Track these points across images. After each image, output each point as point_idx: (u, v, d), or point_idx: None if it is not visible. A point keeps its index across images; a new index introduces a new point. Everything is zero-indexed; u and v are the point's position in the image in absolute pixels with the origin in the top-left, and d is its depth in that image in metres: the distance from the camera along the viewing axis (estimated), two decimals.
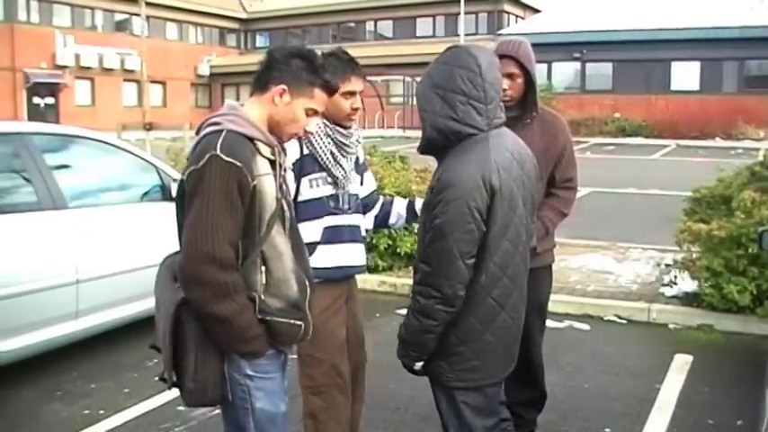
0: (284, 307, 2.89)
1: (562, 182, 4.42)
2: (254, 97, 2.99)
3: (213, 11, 52.23)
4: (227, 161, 2.70)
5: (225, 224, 2.72)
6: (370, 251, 8.76)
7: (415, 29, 48.04)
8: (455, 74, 3.01)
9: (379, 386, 5.74)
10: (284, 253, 2.90)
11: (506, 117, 4.22)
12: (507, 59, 4.13)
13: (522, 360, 4.59)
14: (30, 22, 42.63)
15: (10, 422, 5.19)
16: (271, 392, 2.93)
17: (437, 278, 2.95)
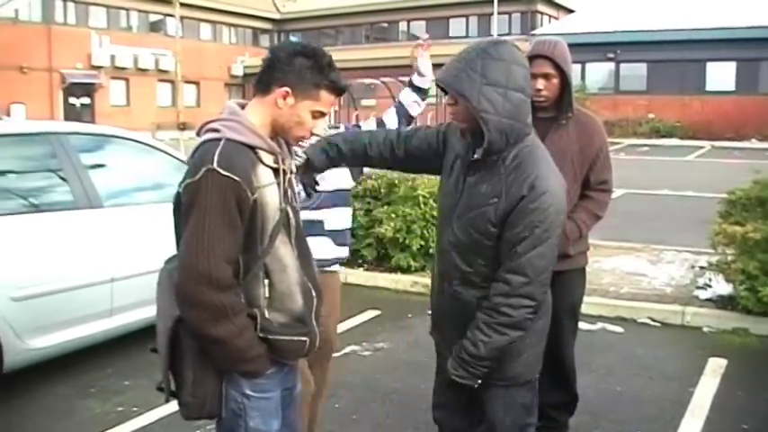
0: (288, 322, 2.78)
1: (597, 184, 4.38)
2: (257, 99, 2.80)
3: (247, 11, 52.47)
4: (224, 175, 2.55)
5: (222, 242, 2.58)
6: (403, 251, 8.76)
7: (448, 29, 47.91)
8: (513, 70, 2.89)
9: (411, 387, 5.75)
10: (289, 265, 2.78)
11: (541, 118, 4.23)
12: (543, 59, 4.11)
13: (553, 362, 4.59)
14: (66, 24, 43.10)
15: (46, 417, 5.25)
16: (265, 412, 2.82)
17: (532, 287, 2.90)
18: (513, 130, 2.92)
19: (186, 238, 2.61)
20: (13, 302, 5.21)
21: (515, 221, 2.90)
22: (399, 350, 6.63)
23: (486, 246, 3.00)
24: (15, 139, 6.02)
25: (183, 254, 2.63)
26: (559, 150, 4.21)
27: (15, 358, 5.35)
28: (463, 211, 3.06)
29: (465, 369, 3.02)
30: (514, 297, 2.90)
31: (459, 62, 2.96)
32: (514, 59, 2.92)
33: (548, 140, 4.21)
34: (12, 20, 39.67)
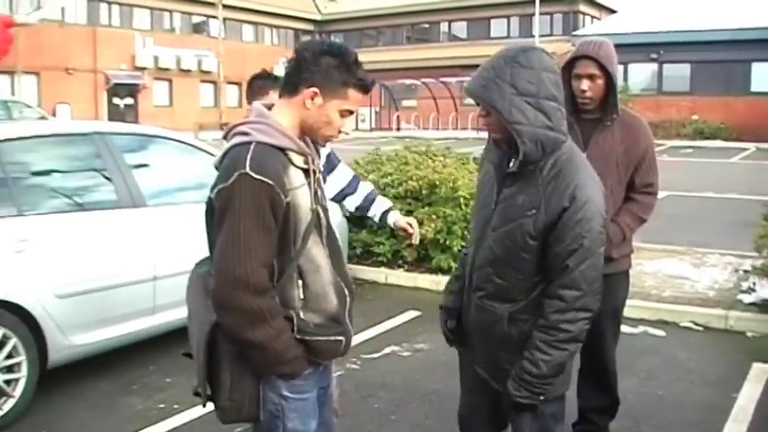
0: (323, 322, 2.78)
1: (642, 186, 4.33)
2: (284, 100, 2.76)
3: (288, 12, 52.74)
4: (257, 179, 2.54)
5: (258, 247, 2.58)
6: (443, 252, 8.75)
7: (489, 30, 47.82)
8: (544, 78, 2.83)
9: (451, 388, 5.71)
10: (322, 265, 2.77)
11: (586, 119, 4.22)
12: (587, 60, 4.09)
13: (595, 366, 4.57)
14: (111, 25, 43.67)
15: (89, 413, 5.32)
16: (303, 412, 2.83)
17: (587, 299, 2.87)
18: (548, 140, 2.85)
19: (221, 244, 2.62)
20: (58, 299, 5.29)
21: (562, 235, 2.83)
22: (439, 351, 6.61)
23: (524, 259, 2.92)
24: (61, 139, 6.12)
25: (218, 259, 2.63)
26: (604, 152, 4.19)
27: (59, 355, 5.43)
28: (499, 223, 2.98)
29: (528, 390, 2.94)
30: (571, 312, 2.86)
31: (488, 71, 2.89)
32: (544, 67, 2.84)
33: (592, 142, 4.20)
34: (58, 22, 40.25)
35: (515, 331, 2.99)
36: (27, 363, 5.23)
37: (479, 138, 35.67)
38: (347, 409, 5.42)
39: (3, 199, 5.40)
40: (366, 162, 10.21)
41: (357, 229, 9.18)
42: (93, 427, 5.14)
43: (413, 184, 9.04)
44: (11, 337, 5.14)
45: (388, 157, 10.28)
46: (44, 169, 5.87)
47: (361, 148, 14.27)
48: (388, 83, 44.61)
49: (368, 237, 9.24)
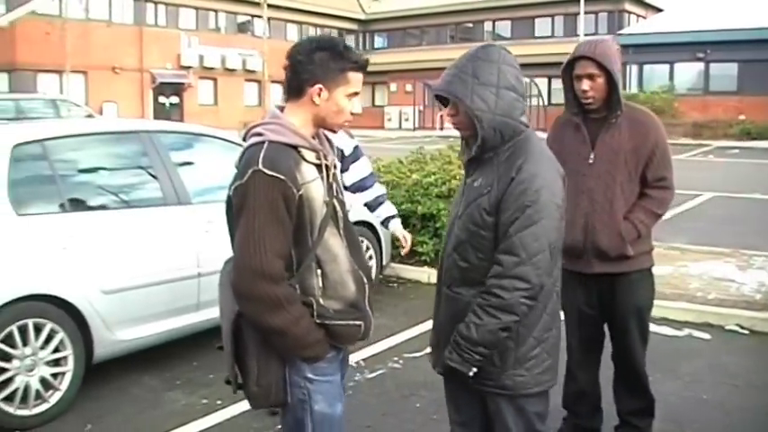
0: (343, 308, 2.92)
1: (655, 181, 4.31)
2: (292, 103, 2.93)
3: (332, 12, 52.85)
4: (270, 175, 2.71)
5: (272, 238, 2.73)
6: None
7: (533, 29, 47.53)
8: (504, 70, 2.97)
9: None
10: (339, 254, 2.91)
11: (593, 118, 4.25)
12: (585, 60, 4.14)
13: (624, 368, 4.54)
14: (157, 25, 44.09)
15: (133, 407, 5.39)
16: (329, 395, 2.95)
17: (525, 267, 2.82)
18: (506, 127, 2.97)
19: (239, 238, 2.78)
20: (104, 295, 5.36)
21: (507, 205, 2.89)
22: None
23: (483, 237, 2.96)
24: (108, 137, 6.21)
25: (237, 252, 2.80)
26: (612, 150, 4.22)
27: (105, 350, 5.51)
28: (462, 209, 3.09)
29: (459, 354, 2.92)
30: (507, 278, 2.83)
31: (452, 70, 3.06)
32: (504, 60, 2.99)
33: (599, 141, 4.23)
34: (106, 22, 40.79)
35: (477, 310, 2.95)
36: (73, 357, 5.32)
37: None
38: (389, 408, 5.45)
39: (51, 196, 5.50)
40: (410, 161, 10.20)
41: None
42: (137, 421, 5.21)
43: (456, 184, 9.01)
44: (58, 332, 5.23)
45: (431, 156, 10.26)
46: (91, 167, 5.96)
47: (404, 147, 14.27)
48: (432, 82, 44.35)
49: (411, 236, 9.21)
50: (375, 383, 5.88)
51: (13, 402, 5.05)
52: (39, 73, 38.23)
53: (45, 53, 37.21)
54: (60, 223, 5.38)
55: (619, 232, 4.23)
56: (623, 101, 4.19)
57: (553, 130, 4.57)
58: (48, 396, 5.23)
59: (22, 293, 5.08)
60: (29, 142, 5.52)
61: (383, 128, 46.59)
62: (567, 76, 4.28)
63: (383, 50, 55.01)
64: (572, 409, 4.77)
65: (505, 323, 2.85)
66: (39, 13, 38.53)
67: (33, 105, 24.45)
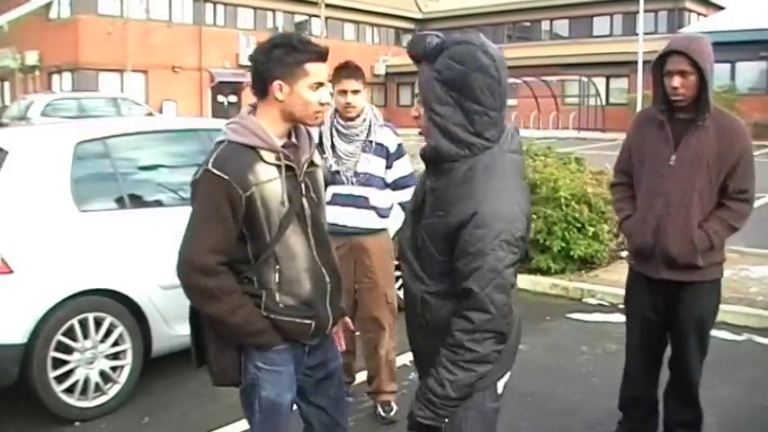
0: (296, 305, 3.02)
1: (735, 192, 4.13)
2: (260, 103, 3.02)
3: (389, 11, 52.89)
4: (216, 175, 2.85)
5: (208, 234, 2.88)
6: (543, 253, 8.66)
7: (591, 28, 47.04)
8: (471, 80, 2.59)
9: (547, 390, 5.68)
10: (298, 253, 3.01)
11: (679, 119, 4.09)
12: (679, 56, 3.97)
13: (679, 376, 4.43)
14: (216, 25, 44.54)
15: (191, 402, 5.46)
16: (277, 384, 3.07)
17: (496, 321, 2.61)
18: (463, 141, 2.64)
19: (184, 231, 2.96)
20: (162, 290, 5.42)
21: (463, 250, 2.61)
22: (536, 353, 6.55)
23: (434, 257, 2.74)
24: (167, 135, 6.28)
25: (180, 243, 2.96)
26: (695, 154, 4.06)
27: (163, 344, 5.58)
28: (424, 214, 2.81)
29: (432, 411, 2.68)
30: (479, 333, 2.60)
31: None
32: (476, 67, 2.59)
33: (683, 143, 4.07)
34: (166, 22, 41.34)
35: (429, 316, 2.78)
36: (132, 351, 5.40)
37: (581, 138, 35.22)
38: None
39: (111, 193, 5.58)
40: None
41: None
42: (194, 414, 5.26)
43: None
44: (117, 326, 5.32)
45: None
46: (151, 164, 6.03)
47: None
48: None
49: None
50: None
51: (73, 394, 5.16)
52: (101, 72, 38.91)
53: (107, 53, 37.85)
54: (120, 220, 5.46)
55: (691, 240, 4.09)
56: (712, 104, 4.03)
57: (635, 124, 4.45)
58: (107, 389, 5.32)
59: (83, 288, 5.18)
60: (91, 140, 5.61)
61: None
62: (658, 71, 4.12)
63: None
64: (627, 413, 4.69)
65: (481, 374, 2.67)
66: (101, 13, 39.21)
67: (95, 104, 24.86)
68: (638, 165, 4.32)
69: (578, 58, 42.10)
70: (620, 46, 41.44)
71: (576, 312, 7.73)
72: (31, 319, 4.98)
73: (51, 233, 5.16)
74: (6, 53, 39.81)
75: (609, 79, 42.86)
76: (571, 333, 7.14)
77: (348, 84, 4.96)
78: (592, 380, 5.88)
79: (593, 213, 8.79)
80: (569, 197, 8.63)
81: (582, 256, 8.72)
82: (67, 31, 39.32)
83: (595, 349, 6.58)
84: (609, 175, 9.50)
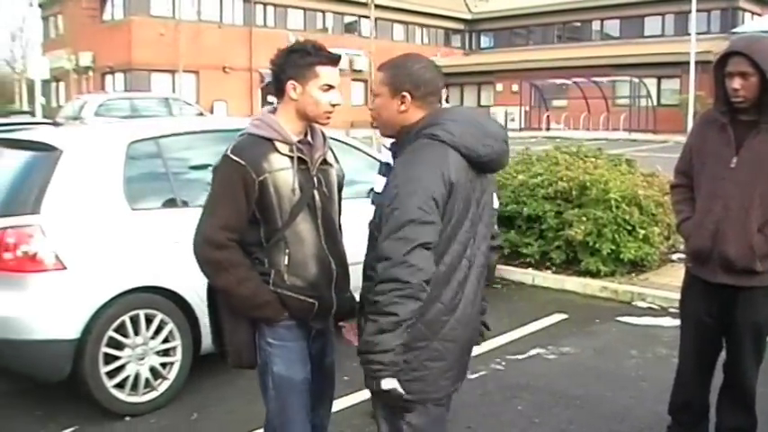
0: (303, 285, 3.28)
1: None
2: (280, 102, 3.34)
3: (439, 12, 52.85)
4: (234, 160, 3.18)
5: (221, 211, 3.20)
6: (593, 255, 8.59)
7: (643, 28, 46.51)
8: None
9: (596, 394, 5.64)
10: (306, 239, 3.29)
11: (742, 120, 4.01)
12: (739, 57, 3.91)
13: (733, 382, 4.35)
14: (266, 26, 44.87)
15: (240, 399, 5.50)
16: (287, 359, 3.31)
17: (396, 268, 2.66)
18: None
19: (202, 209, 3.29)
20: None
21: (381, 210, 2.88)
22: (585, 356, 6.50)
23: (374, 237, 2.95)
24: (218, 135, 6.32)
25: (198, 221, 3.27)
26: (758, 157, 3.98)
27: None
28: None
29: (362, 364, 2.76)
30: (381, 283, 2.69)
31: None
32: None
33: (745, 145, 3.99)
34: (217, 23, 41.75)
35: (363, 323, 2.88)
36: (181, 348, 5.46)
37: (631, 139, 34.84)
38: (490, 410, 5.41)
39: (163, 192, 5.65)
40: (516, 162, 10.10)
41: (505, 230, 9.10)
42: (244, 412, 5.29)
43: (563, 185, 8.90)
44: (167, 323, 5.39)
45: (537, 157, 10.14)
46: (202, 164, 6.07)
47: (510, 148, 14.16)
48: (538, 82, 44.08)
49: (516, 237, 9.15)
50: (477, 384, 5.84)
51: (124, 389, 5.23)
52: (153, 72, 39.45)
53: (159, 53, 38.37)
54: (172, 218, 5.52)
55: (750, 244, 4.00)
56: None
57: (697, 126, 4.39)
58: (156, 384, 5.38)
59: (134, 285, 5.25)
60: (143, 140, 5.68)
61: None
62: (719, 73, 4.04)
63: (489, 50, 54.76)
64: (677, 418, 4.62)
65: (382, 325, 2.67)
66: (153, 14, 39.74)
67: (147, 104, 25.16)
68: (698, 167, 4.26)
69: (629, 58, 41.67)
70: (672, 46, 40.92)
71: (626, 316, 7.64)
72: (83, 315, 5.06)
73: (104, 231, 5.23)
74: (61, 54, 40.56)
75: (660, 80, 42.36)
76: (620, 336, 7.06)
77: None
78: (641, 384, 5.82)
79: (644, 216, 8.69)
80: (620, 199, 8.54)
81: (632, 259, 8.62)
82: (121, 32, 39.91)
83: (645, 353, 6.51)
84: (660, 177, 9.43)
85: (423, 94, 2.99)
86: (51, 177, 5.18)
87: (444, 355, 2.93)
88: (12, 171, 5.62)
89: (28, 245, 4.98)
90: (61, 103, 38.86)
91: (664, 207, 8.72)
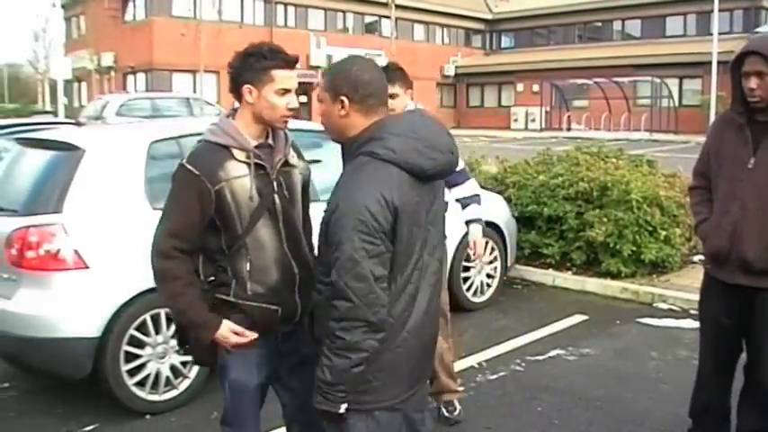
0: (264, 292, 3.26)
1: None
2: (239, 108, 3.30)
3: (459, 12, 52.79)
4: (188, 170, 3.15)
5: (172, 221, 3.20)
6: (613, 256, 8.55)
7: (664, 28, 46.24)
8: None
9: (616, 395, 5.62)
10: (267, 245, 3.27)
11: (759, 121, 3.99)
12: (756, 56, 3.88)
13: (753, 383, 4.31)
14: (286, 26, 44.99)
15: None
16: (244, 366, 3.34)
17: (360, 310, 2.69)
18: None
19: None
20: None
21: (329, 238, 2.79)
22: (605, 357, 6.48)
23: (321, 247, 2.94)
24: None
25: None
26: None
27: None
28: None
29: (322, 396, 2.82)
30: (345, 321, 2.71)
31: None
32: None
33: (762, 146, 3.97)
34: (238, 23, 41.88)
35: (317, 332, 2.93)
36: None
37: (653, 140, 34.69)
38: (510, 411, 5.40)
39: None
40: (536, 162, 10.07)
41: (526, 230, 9.09)
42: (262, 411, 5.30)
43: (584, 186, 8.86)
44: None
45: (558, 157, 10.11)
46: None
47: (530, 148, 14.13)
48: (559, 83, 43.95)
49: (536, 238, 9.13)
50: (497, 385, 5.84)
51: (144, 387, 5.27)
52: (174, 73, 39.63)
53: (180, 54, 38.53)
54: None
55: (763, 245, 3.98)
56: None
57: (714, 127, 4.36)
58: (177, 383, 5.42)
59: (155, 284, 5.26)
60: (164, 139, 5.72)
61: (509, 128, 46.23)
62: (736, 73, 4.02)
63: (510, 50, 54.63)
64: (697, 421, 4.59)
65: (356, 361, 2.75)
66: (175, 15, 39.93)
67: (168, 104, 25.27)
68: (716, 168, 4.23)
69: (651, 58, 41.48)
70: (694, 46, 40.69)
71: (647, 317, 7.61)
72: (104, 313, 5.10)
73: (125, 230, 5.25)
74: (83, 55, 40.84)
75: (682, 80, 42.12)
76: (641, 338, 7.03)
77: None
78: (661, 386, 5.79)
79: (666, 217, 8.64)
80: (641, 200, 8.50)
81: (653, 260, 8.57)
82: (142, 32, 40.13)
83: (666, 355, 6.48)
84: (681, 177, 9.37)
85: (361, 97, 2.87)
86: (73, 177, 5.22)
87: (396, 365, 2.92)
88: (34, 170, 5.67)
89: (50, 244, 5.02)
90: (83, 103, 39.12)
91: (685, 208, 8.65)
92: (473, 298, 7.93)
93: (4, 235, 5.16)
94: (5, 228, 5.19)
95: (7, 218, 5.30)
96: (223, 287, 3.26)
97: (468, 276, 7.88)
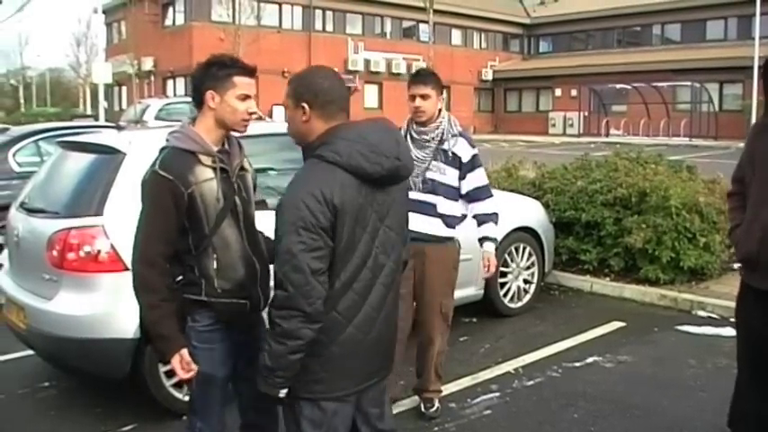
0: (231, 288, 3.48)
1: None
2: (200, 112, 3.51)
3: (497, 17, 52.70)
4: (162, 175, 3.33)
5: (153, 225, 3.36)
6: (652, 263, 8.48)
7: (704, 32, 45.75)
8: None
9: (653, 403, 5.57)
10: (232, 242, 3.49)
11: None
12: None
13: (761, 373, 4.24)
14: (325, 31, 45.19)
15: None
16: (211, 360, 3.51)
17: (295, 300, 2.87)
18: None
19: (137, 223, 3.42)
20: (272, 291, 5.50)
21: (274, 233, 2.99)
22: (643, 364, 6.43)
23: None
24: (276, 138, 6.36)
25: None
26: None
27: None
28: None
29: (263, 380, 3.03)
30: (283, 310, 2.90)
31: None
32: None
33: None
34: (276, 29, 42.13)
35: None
36: None
37: (692, 145, 34.34)
38: (546, 417, 5.38)
39: None
40: (574, 168, 10.01)
41: (563, 236, 9.04)
42: None
43: (622, 192, 8.80)
44: None
45: (597, 162, 10.04)
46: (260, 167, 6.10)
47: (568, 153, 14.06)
48: (598, 87, 43.68)
49: (574, 243, 9.08)
50: (533, 391, 5.82)
51: (182, 389, 5.28)
52: None
53: None
54: None
55: None
56: None
57: (751, 134, 4.30)
58: None
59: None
60: None
61: (547, 133, 46.04)
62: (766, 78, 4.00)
63: (548, 55, 54.39)
64: (735, 429, 4.53)
65: (292, 348, 2.92)
66: (214, 20, 40.25)
67: None
68: (750, 173, 4.20)
69: (690, 63, 41.08)
70: (735, 50, 40.22)
71: (685, 324, 7.53)
72: None
73: None
74: (124, 59, 41.25)
75: (722, 85, 41.67)
76: (679, 345, 6.97)
77: (416, 88, 5.14)
78: (700, 394, 5.73)
79: (705, 223, 8.55)
80: (680, 206, 8.42)
81: (692, 267, 8.49)
82: (181, 37, 40.53)
83: (705, 363, 6.41)
84: (722, 183, 9.27)
85: (321, 104, 3.05)
86: (114, 179, 5.28)
87: (344, 358, 3.06)
88: (76, 173, 5.74)
89: (91, 246, 5.09)
90: (123, 107, 39.57)
91: (725, 215, 8.54)
92: (510, 303, 7.93)
93: (45, 236, 5.24)
94: (47, 229, 5.27)
95: (49, 220, 5.38)
96: (192, 287, 3.46)
97: (505, 282, 7.87)
